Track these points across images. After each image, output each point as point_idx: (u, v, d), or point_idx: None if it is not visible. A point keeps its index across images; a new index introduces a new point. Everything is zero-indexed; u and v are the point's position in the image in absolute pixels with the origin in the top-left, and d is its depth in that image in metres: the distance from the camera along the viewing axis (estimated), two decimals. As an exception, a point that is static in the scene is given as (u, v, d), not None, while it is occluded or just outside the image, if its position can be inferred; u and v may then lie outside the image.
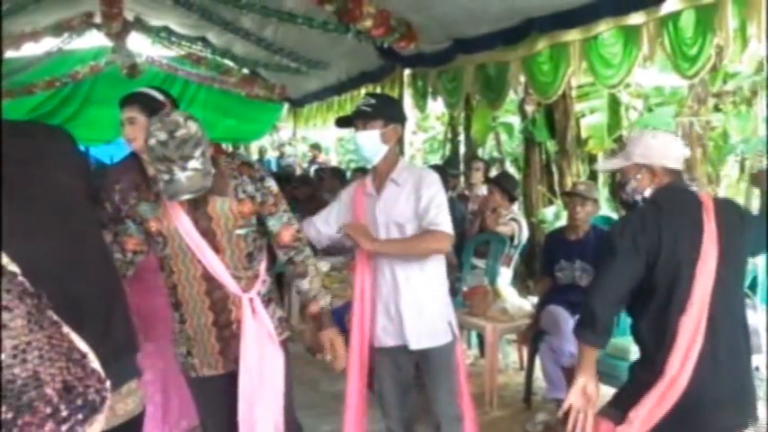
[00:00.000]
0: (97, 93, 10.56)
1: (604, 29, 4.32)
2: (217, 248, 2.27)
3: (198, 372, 2.41)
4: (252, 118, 12.64)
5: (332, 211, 2.88)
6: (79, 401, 1.03)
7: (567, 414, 3.59)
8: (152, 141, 2.04)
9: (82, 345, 1.11)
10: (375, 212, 2.71)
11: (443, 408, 2.77)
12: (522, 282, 5.61)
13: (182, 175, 2.00)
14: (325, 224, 2.85)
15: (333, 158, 16.91)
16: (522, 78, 5.30)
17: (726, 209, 2.19)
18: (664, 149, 2.27)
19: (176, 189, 2.03)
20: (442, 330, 2.75)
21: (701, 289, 2.03)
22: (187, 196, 2.07)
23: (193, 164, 2.01)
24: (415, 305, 2.69)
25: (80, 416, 1.03)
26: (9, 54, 9.47)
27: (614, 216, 5.14)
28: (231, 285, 2.31)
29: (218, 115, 12.48)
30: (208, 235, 2.26)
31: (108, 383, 1.11)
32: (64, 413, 1.01)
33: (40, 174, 1.47)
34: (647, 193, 2.25)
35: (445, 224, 2.62)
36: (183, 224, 2.23)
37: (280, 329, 2.44)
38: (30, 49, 9.24)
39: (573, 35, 4.54)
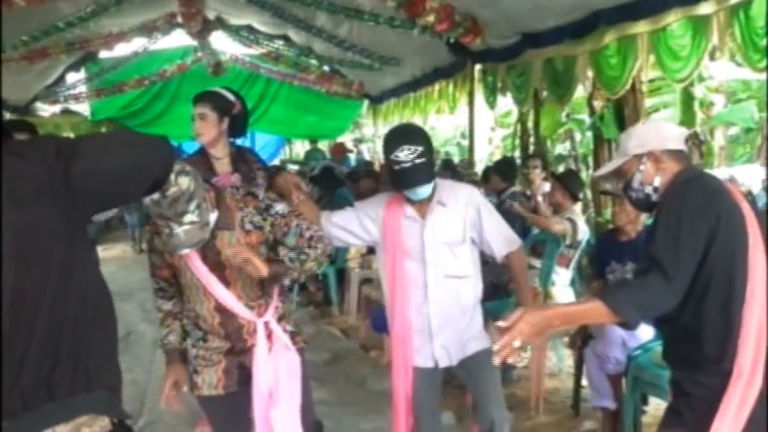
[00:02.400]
0: (184, 90, 11.03)
1: (673, 20, 4.14)
2: (227, 281, 2.33)
3: (200, 391, 2.44)
4: (332, 114, 12.89)
5: (354, 223, 2.78)
6: None
7: (613, 417, 3.50)
8: (147, 201, 2.04)
9: None
10: (423, 237, 2.68)
11: (498, 409, 2.80)
12: (587, 283, 5.43)
13: (179, 231, 2.04)
14: (347, 233, 2.78)
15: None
16: (590, 73, 5.13)
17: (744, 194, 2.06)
18: (659, 131, 2.14)
19: (176, 243, 2.08)
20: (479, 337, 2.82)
21: (758, 274, 1.89)
22: (186, 250, 2.12)
23: (189, 218, 2.03)
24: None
25: None
26: (102, 54, 10.07)
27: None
28: (245, 314, 2.37)
29: (300, 112, 12.80)
30: (218, 269, 2.31)
31: None
32: None
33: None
34: (657, 182, 2.10)
35: (515, 235, 2.86)
36: (192, 260, 2.29)
37: (293, 342, 2.49)
38: (121, 50, 9.79)
39: (640, 27, 4.38)
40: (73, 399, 1.47)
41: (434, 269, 2.70)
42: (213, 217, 2.15)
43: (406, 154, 2.52)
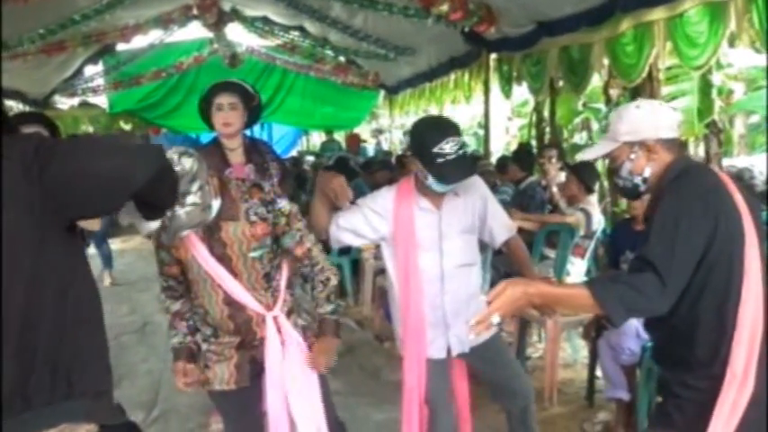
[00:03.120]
0: (201, 82, 11.03)
1: (690, 6, 4.07)
2: (234, 273, 2.32)
3: (211, 386, 2.44)
4: (349, 105, 12.89)
5: (361, 222, 2.71)
6: None
7: (627, 408, 3.48)
8: None
9: None
10: (440, 228, 2.67)
11: (523, 383, 2.89)
12: (603, 273, 5.40)
13: (181, 212, 2.01)
14: (355, 235, 2.73)
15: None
16: (606, 61, 5.08)
17: (733, 180, 1.98)
18: (653, 119, 2.03)
19: (177, 225, 2.05)
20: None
21: (752, 274, 1.84)
22: (186, 232, 2.10)
23: (191, 199, 2.00)
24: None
25: None
26: (119, 47, 10.14)
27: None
28: (254, 306, 2.36)
29: (316, 103, 12.82)
30: (224, 260, 2.31)
31: None
32: None
33: None
34: (647, 173, 2.03)
35: (511, 221, 2.94)
36: (199, 252, 2.28)
37: (304, 337, 2.48)
38: (138, 42, 9.84)
39: (657, 14, 4.31)
40: (51, 407, 1.41)
41: (449, 259, 2.69)
42: (216, 203, 2.14)
43: (451, 146, 2.46)
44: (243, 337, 2.41)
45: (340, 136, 14.89)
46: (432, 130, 2.53)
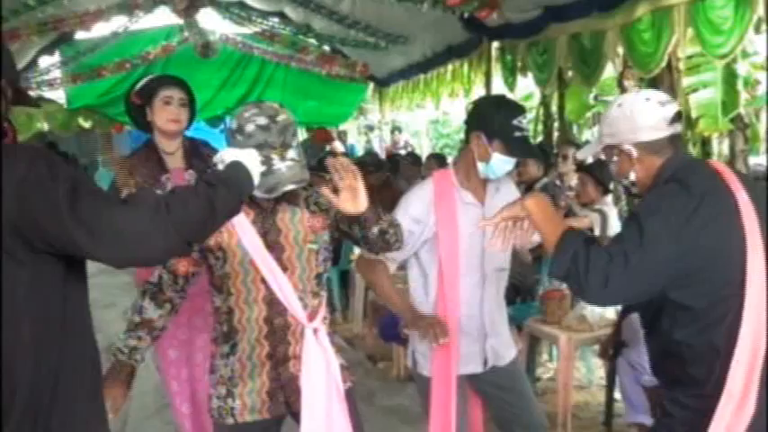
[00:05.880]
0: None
1: (713, -13, 4.11)
2: (284, 266, 2.19)
3: (237, 418, 2.25)
4: (334, 100, 12.83)
5: (413, 238, 2.65)
6: None
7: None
8: (250, 127, 2.03)
9: None
10: None
11: (538, 415, 2.88)
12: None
13: (281, 165, 1.98)
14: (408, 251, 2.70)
15: (425, 143, 16.89)
16: (621, 50, 5.11)
17: (742, 175, 1.98)
18: (630, 121, 2.01)
19: (277, 180, 1.99)
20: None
21: (755, 284, 1.82)
22: (290, 187, 2.05)
23: (292, 153, 2.01)
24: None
25: None
26: (78, 35, 10.09)
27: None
28: (297, 311, 2.20)
29: (299, 97, 12.73)
30: (275, 250, 2.18)
31: None
32: None
33: None
34: (633, 176, 2.05)
35: None
36: (248, 236, 2.14)
37: (343, 377, 2.31)
38: (99, 30, 9.78)
39: (677, -3, 4.35)
40: None
41: (490, 262, 2.72)
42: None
43: (525, 122, 2.58)
44: (273, 347, 2.23)
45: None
46: (509, 105, 2.63)
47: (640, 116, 2.01)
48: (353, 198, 2.06)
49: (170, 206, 1.45)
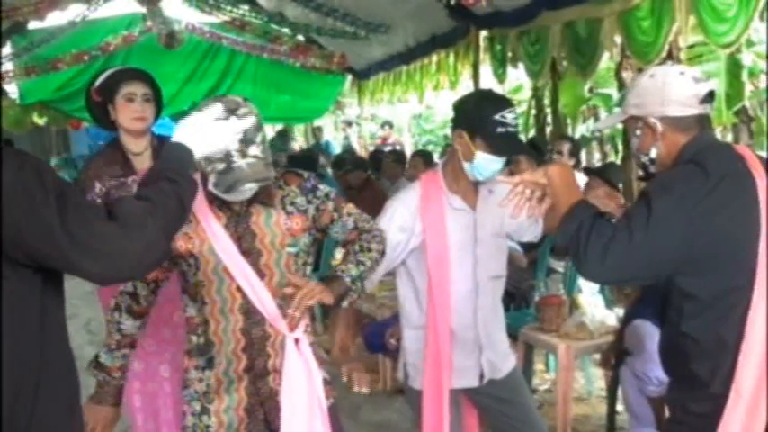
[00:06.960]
0: (132, 67, 10.94)
1: (717, -28, 4.15)
2: (261, 273, 2.15)
3: None
4: (309, 93, 12.79)
5: (400, 248, 2.65)
6: None
7: None
8: (208, 120, 1.99)
9: None
10: (475, 230, 2.66)
11: (540, 428, 2.85)
12: (618, 290, 5.44)
13: (242, 162, 1.96)
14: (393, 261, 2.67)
15: (406, 139, 16.91)
16: (618, 39, 5.15)
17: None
18: (661, 93, 1.99)
19: (236, 178, 1.97)
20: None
21: (766, 273, 1.83)
22: (251, 185, 2.02)
23: (254, 151, 1.99)
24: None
25: None
26: (31, 25, 9.98)
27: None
28: (276, 320, 2.14)
29: (271, 91, 12.70)
30: (251, 255, 2.14)
31: None
32: None
33: None
34: (654, 153, 2.03)
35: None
36: (221, 242, 2.10)
37: (326, 392, 2.25)
38: (54, 19, 9.69)
39: (678, -17, 4.39)
40: None
41: (483, 269, 2.69)
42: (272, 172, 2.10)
43: (512, 117, 2.52)
44: (252, 361, 2.19)
45: (299, 130, 14.85)
46: (490, 99, 2.60)
47: (672, 89, 2.00)
48: None
49: (155, 217, 1.50)
